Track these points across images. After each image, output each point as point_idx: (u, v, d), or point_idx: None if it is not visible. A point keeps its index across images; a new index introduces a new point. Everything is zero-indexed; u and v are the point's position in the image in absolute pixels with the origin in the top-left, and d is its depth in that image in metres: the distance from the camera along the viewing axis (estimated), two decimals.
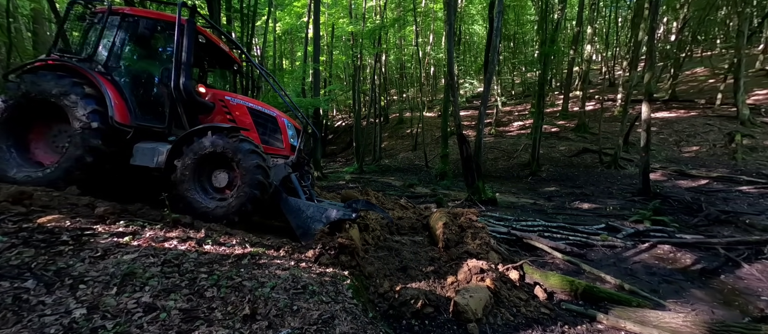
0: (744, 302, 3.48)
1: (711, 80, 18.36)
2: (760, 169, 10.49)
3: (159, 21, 3.67)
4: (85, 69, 3.29)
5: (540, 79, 13.66)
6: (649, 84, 8.74)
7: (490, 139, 16.86)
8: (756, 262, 4.22)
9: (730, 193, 8.37)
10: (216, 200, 3.15)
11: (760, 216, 6.26)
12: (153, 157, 3.26)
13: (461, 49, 22.17)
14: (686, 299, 3.59)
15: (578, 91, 18.85)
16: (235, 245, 2.38)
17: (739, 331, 2.60)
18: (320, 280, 2.17)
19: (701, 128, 13.80)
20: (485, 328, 2.61)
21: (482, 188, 8.46)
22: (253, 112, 3.87)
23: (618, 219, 6.52)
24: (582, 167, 12.69)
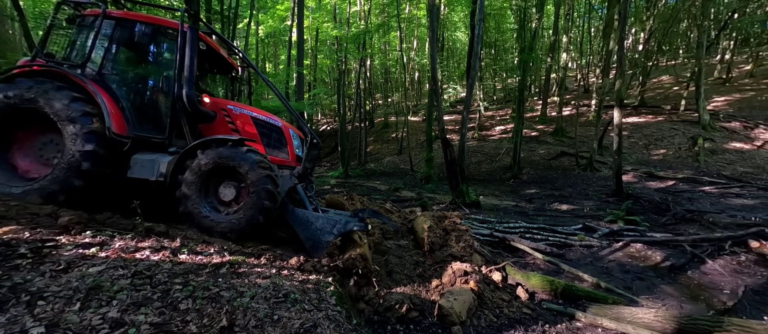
0: (709, 296, 3.69)
1: (675, 88, 19.64)
2: (720, 170, 11.26)
3: (158, 27, 3.50)
4: (78, 77, 3.08)
5: (520, 85, 14.13)
6: (620, 91, 9.22)
7: (474, 143, 17.22)
8: (718, 257, 4.50)
9: (694, 193, 8.92)
10: (224, 214, 3.03)
11: (721, 214, 6.70)
12: (153, 169, 3.10)
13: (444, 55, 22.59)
14: (657, 294, 3.77)
15: (555, 96, 19.64)
16: (213, 254, 2.30)
17: (704, 324, 2.75)
18: (303, 287, 2.12)
19: (668, 132, 14.69)
20: (469, 330, 2.63)
21: (466, 191, 8.60)
22: (258, 122, 3.73)
23: (594, 219, 6.79)
24: (560, 169, 13.17)
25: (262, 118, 3.77)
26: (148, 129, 3.36)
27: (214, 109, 3.59)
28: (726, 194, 8.65)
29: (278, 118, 3.96)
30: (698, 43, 15.57)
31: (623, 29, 9.27)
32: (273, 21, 18.61)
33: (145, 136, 3.30)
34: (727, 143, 13.27)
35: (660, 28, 16.58)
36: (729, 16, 17.58)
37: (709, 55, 18.07)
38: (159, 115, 3.45)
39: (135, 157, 3.16)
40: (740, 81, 19.71)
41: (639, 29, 19.32)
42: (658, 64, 22.20)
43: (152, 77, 3.69)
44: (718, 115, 15.35)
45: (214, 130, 3.57)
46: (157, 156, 3.18)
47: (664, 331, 2.78)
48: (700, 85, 14.63)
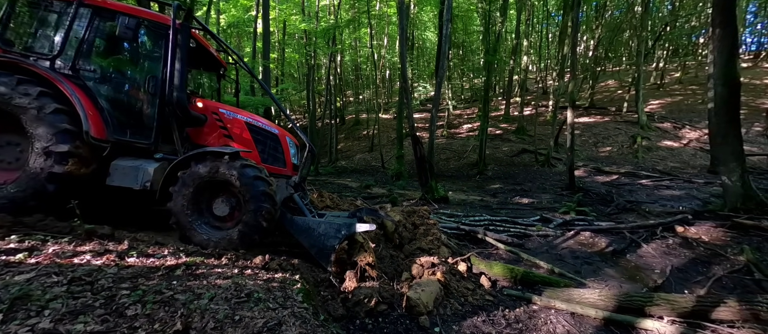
0: (643, 276, 4.17)
1: (619, 91, 21.75)
2: (654, 165, 12.70)
3: (145, 21, 3.11)
4: (47, 71, 2.67)
5: (485, 86, 14.78)
6: (573, 93, 10.03)
7: (443, 140, 17.73)
8: (652, 242, 5.09)
9: (633, 186, 9.98)
10: (217, 230, 2.82)
11: (655, 204, 7.58)
12: (137, 177, 2.80)
13: (414, 54, 22.94)
14: (602, 276, 4.19)
15: (517, 97, 20.83)
16: (167, 256, 2.15)
17: (638, 300, 3.11)
18: (267, 286, 2.05)
19: (613, 132, 16.25)
20: (435, 319, 2.72)
21: (435, 187, 8.85)
22: (253, 128, 3.47)
23: (550, 211, 7.34)
24: (521, 165, 14.03)
25: (257, 124, 3.53)
26: (130, 133, 3.03)
27: (204, 112, 3.32)
28: (659, 186, 9.78)
29: (274, 125, 3.75)
30: (637, 52, 17.38)
31: (575, 36, 10.07)
32: (236, 10, 17.61)
33: (128, 140, 2.98)
34: (661, 141, 15.01)
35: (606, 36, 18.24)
36: (662, 28, 19.83)
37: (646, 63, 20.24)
38: (144, 119, 3.12)
39: (115, 163, 2.84)
40: (671, 87, 22.35)
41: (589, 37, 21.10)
42: (605, 70, 24.42)
43: (136, 77, 3.32)
44: (653, 116, 17.27)
45: (204, 135, 3.32)
46: (141, 163, 2.89)
47: (606, 308, 3.10)
48: (639, 89, 16.36)
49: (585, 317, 3.09)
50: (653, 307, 3.00)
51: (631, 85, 18.45)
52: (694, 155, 13.61)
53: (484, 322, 2.84)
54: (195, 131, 3.28)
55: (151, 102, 3.13)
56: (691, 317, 2.87)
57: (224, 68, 4.36)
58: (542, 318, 3.02)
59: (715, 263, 4.32)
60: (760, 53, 25.87)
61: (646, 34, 17.57)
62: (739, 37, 6.48)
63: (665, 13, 20.78)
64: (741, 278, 3.86)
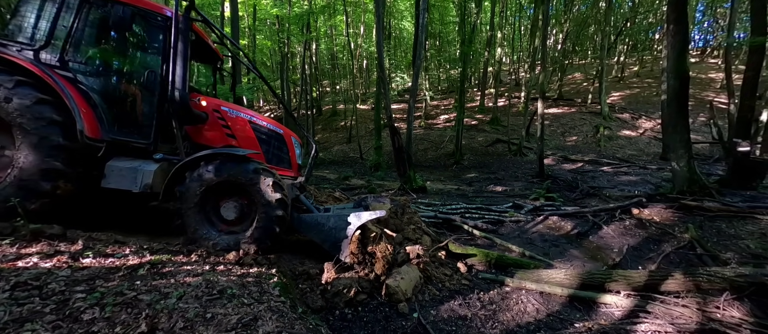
0: (604, 255, 4.51)
1: (585, 84, 22.97)
2: (615, 153, 13.66)
3: (141, 10, 2.81)
4: (33, 63, 2.39)
5: (461, 77, 15.01)
6: (543, 84, 10.45)
7: (420, 131, 17.90)
8: (611, 224, 5.51)
9: (596, 172, 10.69)
10: (225, 234, 2.67)
11: (614, 189, 8.18)
12: (135, 179, 2.60)
13: (392, 44, 22.76)
14: (567, 257, 4.48)
15: (492, 89, 21.39)
16: (129, 255, 2.01)
17: (599, 277, 3.37)
18: (242, 282, 1.99)
19: (578, 122, 17.21)
20: (414, 305, 2.79)
21: (413, 177, 8.96)
22: (256, 127, 3.30)
23: (522, 198, 7.69)
24: (495, 155, 14.53)
25: (262, 123, 3.37)
26: (127, 132, 2.80)
27: (205, 110, 3.13)
28: (618, 172, 10.55)
29: (279, 124, 3.58)
30: (601, 46, 18.38)
31: (545, 29, 10.43)
32: None
33: (125, 140, 2.75)
34: (620, 131, 16.12)
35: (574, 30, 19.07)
36: (623, 24, 21.06)
37: (609, 57, 21.50)
38: (141, 117, 2.89)
39: (111, 164, 2.63)
40: (630, 80, 23.95)
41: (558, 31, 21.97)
42: (572, 63, 25.65)
43: (133, 71, 3.07)
44: (614, 107, 18.47)
45: (205, 133, 3.13)
46: (139, 163, 2.68)
47: (571, 286, 3.33)
48: (602, 82, 17.37)
49: (552, 295, 3.31)
50: (612, 283, 3.26)
51: (595, 78, 19.55)
52: (649, 144, 14.78)
53: (460, 305, 2.95)
54: (195, 129, 3.11)
55: (149, 99, 2.91)
56: (644, 290, 3.15)
57: (221, 61, 4.13)
58: (514, 299, 3.19)
59: (665, 240, 4.76)
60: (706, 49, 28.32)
61: (609, 29, 18.59)
62: (689, 33, 7.02)
63: (626, 10, 22.07)
64: (686, 253, 4.29)
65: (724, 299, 2.85)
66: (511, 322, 2.78)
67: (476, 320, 2.73)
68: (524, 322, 2.81)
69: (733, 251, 4.17)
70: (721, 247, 4.34)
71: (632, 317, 2.93)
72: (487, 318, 2.78)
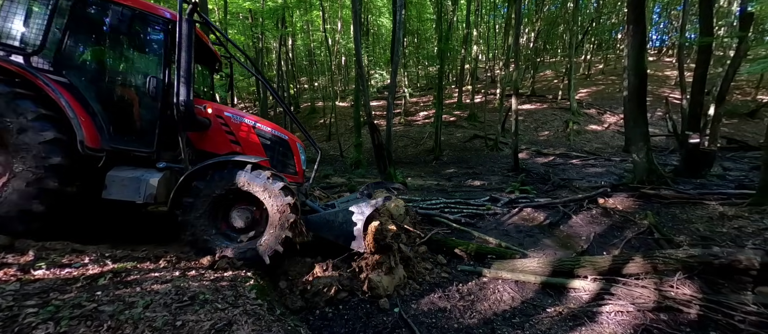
0: (573, 243, 4.78)
1: (555, 81, 24.05)
2: (583, 146, 14.44)
3: (141, 12, 2.67)
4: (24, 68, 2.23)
5: (439, 74, 15.21)
6: (516, 81, 10.82)
7: (400, 127, 18.00)
8: (580, 213, 5.83)
9: (566, 165, 11.26)
10: (237, 242, 2.58)
11: (582, 180, 8.66)
12: (138, 189, 2.47)
13: (370, 41, 22.62)
14: (540, 246, 4.70)
15: (469, 85, 21.89)
16: (88, 264, 1.87)
17: (568, 263, 3.56)
18: (215, 286, 1.92)
19: (550, 117, 18.01)
20: (395, 300, 2.82)
21: (394, 174, 9.00)
22: (262, 133, 3.21)
23: (498, 192, 7.96)
24: (473, 150, 14.91)
25: (266, 129, 3.28)
26: (128, 140, 2.67)
27: (210, 116, 3.03)
28: (586, 164, 11.17)
29: (284, 130, 3.49)
30: (570, 44, 19.29)
31: (518, 28, 10.79)
32: None
33: (126, 149, 2.62)
34: (588, 125, 17.06)
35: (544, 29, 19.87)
36: (589, 23, 22.21)
37: (577, 55, 22.63)
38: (143, 124, 2.75)
39: (112, 174, 2.49)
40: (596, 77, 25.35)
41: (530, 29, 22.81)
42: (543, 61, 26.75)
43: (133, 77, 2.92)
44: (582, 103, 19.50)
45: (208, 140, 3.03)
46: (141, 173, 2.56)
47: (544, 274, 3.50)
48: (571, 79, 18.27)
49: (526, 283, 3.46)
50: (580, 268, 3.46)
51: (565, 75, 20.52)
52: (613, 137, 15.75)
53: (440, 298, 3.02)
54: (197, 136, 2.99)
55: (151, 105, 2.77)
56: (608, 274, 3.37)
57: (219, 63, 3.99)
58: (491, 288, 3.30)
59: (627, 227, 5.11)
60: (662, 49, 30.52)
61: (576, 29, 19.55)
62: (647, 33, 7.53)
63: (591, 10, 23.29)
64: (645, 238, 4.64)
65: (677, 278, 3.11)
66: (488, 311, 2.88)
67: (455, 311, 2.81)
68: (501, 310, 2.93)
69: (685, 235, 4.56)
70: (675, 231, 4.73)
71: (598, 300, 3.13)
72: (466, 308, 2.86)
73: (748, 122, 16.53)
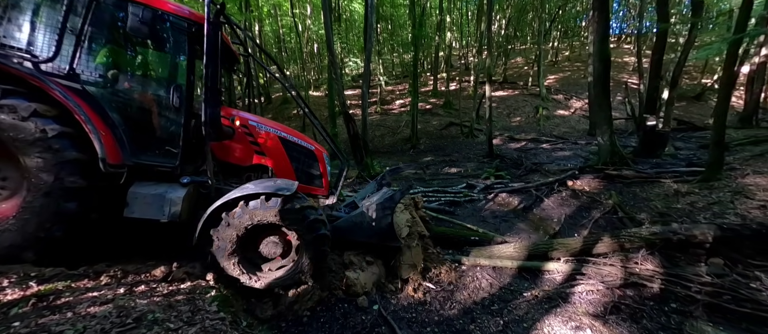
0: (546, 225, 4.94)
1: (525, 67, 24.77)
2: (552, 131, 15.06)
3: (163, 13, 2.43)
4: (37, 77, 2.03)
5: (414, 61, 15.06)
6: (490, 68, 10.94)
7: (377, 116, 17.77)
8: (551, 196, 6.06)
9: (537, 150, 11.69)
10: (266, 271, 2.40)
11: (552, 164, 9.02)
12: (162, 208, 2.32)
13: (342, 27, 21.84)
14: (515, 231, 4.81)
15: (444, 73, 21.96)
16: (7, 288, 1.58)
17: (543, 247, 3.65)
18: (168, 302, 1.70)
19: (521, 103, 18.57)
20: (374, 297, 2.73)
21: (371, 164, 8.86)
22: (287, 143, 2.98)
23: (474, 178, 8.09)
24: (449, 137, 15.07)
25: (292, 139, 3.06)
26: (151, 155, 2.41)
27: (236, 126, 2.81)
28: (555, 148, 11.67)
29: (310, 140, 3.24)
30: (539, 32, 19.82)
31: (490, 15, 10.83)
32: None
33: (148, 163, 2.35)
34: (556, 111, 17.80)
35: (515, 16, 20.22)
36: (556, 11, 22.89)
37: (545, 42, 23.34)
38: (165, 135, 2.48)
39: (133, 191, 2.26)
40: (563, 64, 26.41)
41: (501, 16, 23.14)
42: (514, 48, 27.39)
43: (154, 85, 2.85)
44: (550, 89, 20.27)
45: (232, 151, 2.82)
46: (164, 189, 2.33)
47: (520, 258, 3.56)
48: (540, 66, 18.86)
49: (504, 268, 3.51)
50: (554, 251, 3.56)
51: (534, 62, 21.15)
52: (579, 121, 16.57)
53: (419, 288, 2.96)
54: (219, 145, 2.75)
55: (174, 115, 2.50)
56: (580, 255, 3.50)
57: (238, 63, 3.66)
58: (470, 276, 3.31)
59: (594, 207, 5.37)
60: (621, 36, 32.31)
61: (544, 16, 20.08)
62: (610, 21, 7.81)
63: None
64: (610, 217, 4.89)
65: (641, 255, 3.28)
66: (467, 300, 2.87)
67: (435, 303, 2.77)
68: (480, 298, 2.93)
69: (645, 212, 4.85)
70: (636, 209, 5.03)
71: (570, 280, 3.24)
72: (446, 299, 2.84)
73: (694, 104, 18.07)
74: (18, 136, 1.93)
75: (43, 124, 1.98)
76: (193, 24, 2.51)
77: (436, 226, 4.51)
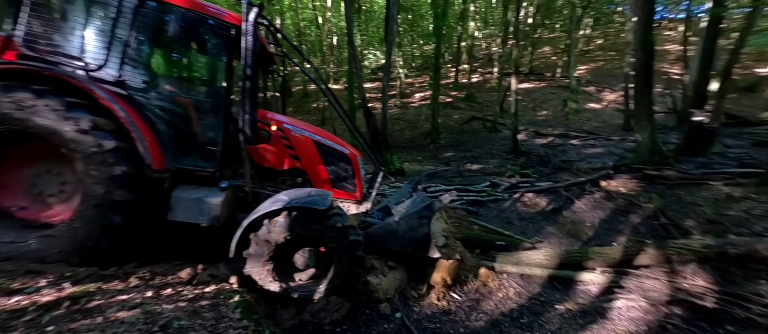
0: (578, 230, 4.64)
1: (554, 58, 23.47)
2: (582, 126, 14.23)
3: (204, 17, 2.46)
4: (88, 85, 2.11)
5: (436, 53, 14.62)
6: (517, 60, 10.40)
7: (396, 110, 17.55)
8: (583, 198, 5.68)
9: (565, 146, 11.08)
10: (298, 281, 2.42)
11: (583, 162, 8.50)
12: (202, 212, 2.39)
13: (363, 19, 21.58)
14: (544, 234, 4.55)
15: (466, 64, 21.26)
16: (43, 289, 1.62)
17: (576, 255, 3.41)
18: (193, 308, 1.69)
19: (548, 96, 17.66)
20: (396, 304, 2.64)
21: (390, 160, 8.74)
22: (322, 147, 2.99)
23: (498, 176, 7.78)
24: (471, 132, 14.63)
25: (327, 143, 3.05)
26: (192, 159, 2.50)
27: (271, 131, 2.84)
28: (585, 144, 11.00)
29: (345, 143, 3.23)
30: (570, 19, 18.61)
31: (519, 2, 10.23)
32: None
33: (190, 168, 2.46)
34: (587, 104, 16.78)
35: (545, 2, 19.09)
36: None
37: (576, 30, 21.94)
38: (205, 140, 2.57)
39: (176, 195, 2.36)
40: (595, 53, 24.78)
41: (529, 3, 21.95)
42: (542, 37, 25.98)
43: (194, 89, 2.90)
44: (581, 80, 19.10)
45: (268, 155, 2.84)
46: (204, 194, 2.41)
47: (550, 266, 3.35)
48: (571, 55, 17.76)
49: (532, 276, 3.31)
50: (589, 260, 3.31)
51: (564, 52, 19.97)
52: (612, 115, 15.54)
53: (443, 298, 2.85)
54: (254, 149, 2.77)
55: (214, 120, 2.57)
56: (618, 265, 3.23)
57: (275, 63, 3.74)
58: (496, 284, 3.15)
59: (632, 211, 4.97)
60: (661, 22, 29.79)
61: (577, 2, 18.81)
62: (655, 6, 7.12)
63: None
64: (651, 223, 4.50)
65: (691, 269, 2.97)
66: (495, 311, 2.73)
67: (460, 313, 2.65)
68: (508, 309, 2.78)
69: (692, 219, 4.43)
70: (681, 214, 4.60)
71: (608, 293, 2.99)
72: (471, 309, 2.71)
73: (746, 97, 16.37)
74: (78, 148, 2.05)
75: (101, 139, 2.08)
76: (232, 26, 2.50)
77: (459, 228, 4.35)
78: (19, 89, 1.97)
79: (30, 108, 1.96)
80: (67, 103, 2.02)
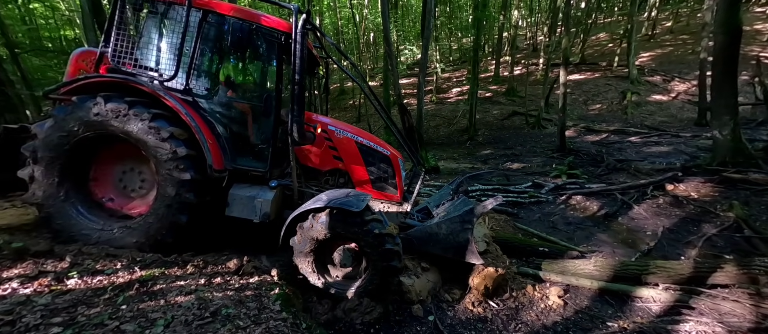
0: (635, 239, 4.15)
1: (610, 45, 21.16)
2: (643, 121, 12.69)
3: (259, 27, 2.69)
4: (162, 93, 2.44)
5: (474, 45, 14.01)
6: (567, 49, 9.55)
7: (432, 106, 17.21)
8: (643, 202, 5.07)
9: (622, 143, 9.97)
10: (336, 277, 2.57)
11: (643, 162, 7.57)
12: (254, 208, 2.63)
13: (399, 14, 21.42)
14: (594, 242, 4.15)
15: (507, 56, 20.08)
16: (119, 271, 1.86)
17: (634, 268, 3.05)
18: (239, 297, 1.82)
19: (603, 88, 15.99)
20: (429, 307, 2.60)
21: (425, 157, 8.62)
22: (364, 148, 3.16)
23: (541, 176, 7.26)
24: (512, 128, 13.83)
25: (368, 144, 3.21)
26: (246, 160, 2.79)
27: (317, 133, 3.07)
28: (647, 142, 9.79)
29: (386, 145, 3.39)
30: (632, 1, 16.59)
31: None
32: None
33: (244, 168, 2.75)
34: (650, 96, 14.89)
35: None
36: None
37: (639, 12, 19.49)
38: (258, 141, 2.86)
39: (233, 192, 2.66)
40: (662, 37, 21.81)
41: None
42: (596, 22, 23.53)
43: (248, 94, 3.13)
44: (643, 70, 16.98)
45: (312, 155, 3.06)
46: (257, 192, 2.68)
47: (602, 278, 3.04)
48: (632, 41, 15.85)
49: (580, 288, 3.04)
50: (649, 275, 2.94)
51: (623, 38, 17.90)
52: (682, 108, 13.61)
53: (479, 304, 2.74)
54: (299, 150, 3.01)
55: (265, 123, 2.83)
56: (687, 283, 2.83)
57: (318, 66, 3.99)
58: (538, 293, 2.95)
59: (705, 221, 4.33)
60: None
61: None
62: None
63: None
64: (731, 235, 3.87)
65: None
66: (536, 322, 2.55)
67: (497, 321, 2.52)
68: (550, 321, 2.58)
69: None
70: None
71: (673, 314, 2.64)
72: (509, 319, 2.56)
73: None
74: (157, 154, 2.36)
75: (176, 147, 2.37)
76: (283, 34, 2.68)
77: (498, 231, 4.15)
78: (116, 100, 2.31)
79: (124, 116, 2.29)
80: (152, 114, 2.34)
